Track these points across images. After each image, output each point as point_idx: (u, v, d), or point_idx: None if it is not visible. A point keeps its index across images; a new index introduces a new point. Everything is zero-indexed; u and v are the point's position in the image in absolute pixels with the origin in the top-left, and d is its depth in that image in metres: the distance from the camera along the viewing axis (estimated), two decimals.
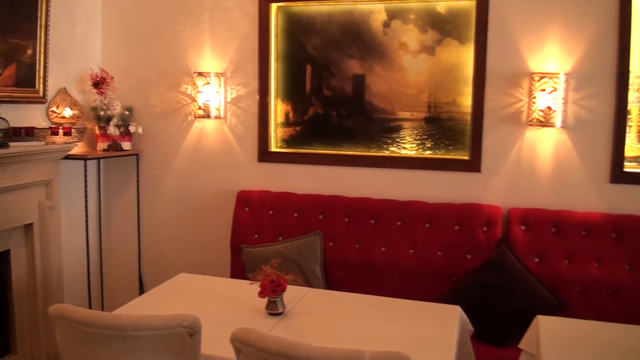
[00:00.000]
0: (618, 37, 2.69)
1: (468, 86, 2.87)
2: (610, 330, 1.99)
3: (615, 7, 2.69)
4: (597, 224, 2.69)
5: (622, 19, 2.69)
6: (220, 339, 1.55)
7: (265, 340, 1.37)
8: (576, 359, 1.73)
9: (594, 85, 2.74)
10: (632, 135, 2.77)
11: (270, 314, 1.99)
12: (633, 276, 2.62)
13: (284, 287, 1.98)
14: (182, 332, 1.48)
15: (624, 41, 2.70)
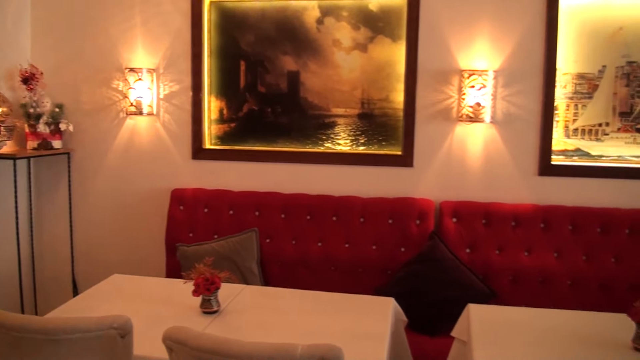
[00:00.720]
0: (545, 35, 2.86)
1: (400, 83, 2.98)
2: (538, 315, 2.12)
3: (542, 7, 2.85)
4: (526, 215, 2.84)
5: (549, 18, 2.85)
6: (153, 340, 1.56)
7: (196, 338, 1.38)
8: (505, 343, 1.85)
9: (522, 82, 2.90)
10: (559, 130, 2.94)
11: (205, 312, 2.01)
12: (561, 263, 2.78)
13: (218, 285, 2.01)
14: (113, 333, 1.49)
15: (551, 40, 2.86)
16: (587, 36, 2.87)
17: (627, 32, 2.85)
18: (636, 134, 2.90)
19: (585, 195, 2.88)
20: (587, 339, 1.90)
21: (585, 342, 1.88)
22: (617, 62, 2.87)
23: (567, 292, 2.78)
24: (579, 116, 2.91)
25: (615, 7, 2.85)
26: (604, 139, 2.91)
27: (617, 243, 2.79)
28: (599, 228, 2.81)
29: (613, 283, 2.75)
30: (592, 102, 2.90)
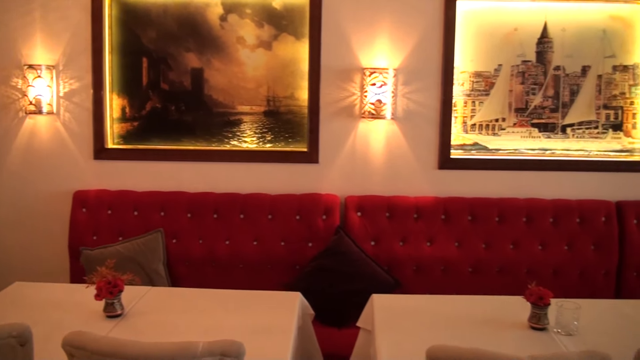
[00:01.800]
0: (443, 35, 3.08)
1: (305, 80, 3.12)
2: (439, 302, 2.31)
3: (440, 8, 3.06)
4: (428, 207, 3.05)
5: (447, 19, 3.07)
6: (55, 346, 1.57)
7: (96, 341, 1.42)
8: (406, 329, 2.00)
9: (422, 80, 3.10)
10: (458, 125, 3.17)
11: (108, 316, 2.04)
12: (461, 252, 3.01)
13: (121, 288, 2.04)
14: (13, 342, 1.49)
15: (448, 39, 3.08)
16: (483, 36, 3.12)
17: (522, 32, 3.12)
18: (531, 128, 3.17)
19: (483, 187, 3.12)
20: (486, 321, 2.08)
21: (484, 323, 2.06)
22: (512, 61, 3.13)
23: (468, 279, 3.01)
24: (476, 112, 3.15)
25: (510, 9, 3.11)
26: (501, 133, 3.16)
27: (515, 231, 3.03)
28: (497, 217, 3.05)
29: (511, 268, 3.00)
30: (489, 98, 3.14)
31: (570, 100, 3.15)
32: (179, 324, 2.04)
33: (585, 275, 3.05)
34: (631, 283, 3.08)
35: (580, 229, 3.06)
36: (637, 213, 3.10)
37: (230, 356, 1.39)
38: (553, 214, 3.06)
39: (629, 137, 3.21)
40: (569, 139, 3.17)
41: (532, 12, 3.10)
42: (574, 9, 3.12)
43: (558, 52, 3.12)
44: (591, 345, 1.80)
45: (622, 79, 3.16)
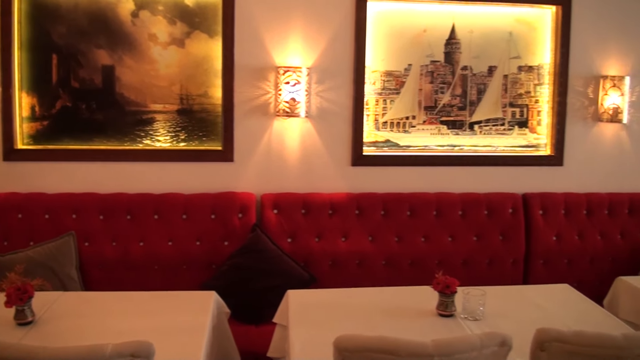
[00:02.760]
0: (355, 35, 3.27)
1: (218, 78, 3.25)
2: (352, 294, 2.48)
3: (352, 9, 3.25)
4: (342, 203, 3.23)
5: (358, 19, 3.26)
6: None
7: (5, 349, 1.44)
8: (319, 322, 2.14)
9: (334, 79, 3.29)
10: (370, 123, 3.38)
11: (19, 323, 2.05)
12: (375, 246, 3.21)
13: (31, 294, 2.05)
14: None
15: (360, 39, 3.28)
16: (393, 37, 3.34)
17: (430, 34, 3.36)
18: (440, 125, 3.42)
19: (395, 182, 3.34)
20: (396, 311, 2.27)
21: (395, 313, 2.24)
22: (421, 61, 3.37)
23: (382, 272, 3.22)
24: (388, 110, 3.37)
25: (420, 11, 3.34)
26: (411, 130, 3.40)
27: (425, 224, 3.26)
28: (409, 212, 3.28)
29: (423, 260, 3.23)
30: (400, 97, 3.37)
31: (478, 98, 3.42)
32: (92, 328, 2.08)
33: (494, 264, 3.32)
34: (538, 270, 3.37)
35: (489, 221, 3.33)
36: (542, 204, 3.40)
37: (139, 357, 1.46)
38: (462, 207, 3.31)
39: (534, 134, 3.52)
40: (476, 136, 3.44)
41: (441, 14, 3.35)
42: (481, 12, 3.39)
43: (466, 53, 3.38)
44: (495, 329, 1.99)
45: (527, 79, 3.47)
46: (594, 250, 3.42)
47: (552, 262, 3.39)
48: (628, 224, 3.50)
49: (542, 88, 3.47)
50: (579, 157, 3.54)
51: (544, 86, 3.47)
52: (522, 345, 1.72)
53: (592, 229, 3.45)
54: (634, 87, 3.55)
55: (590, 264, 3.43)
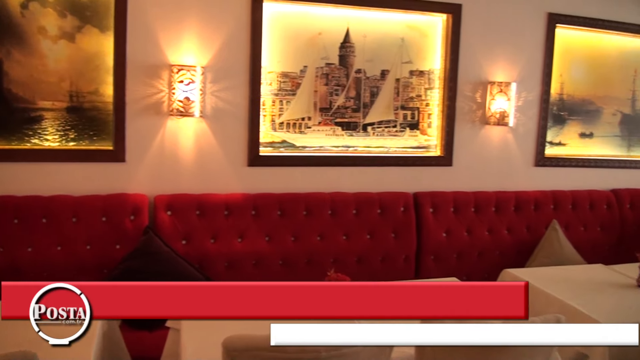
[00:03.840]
0: (251, 35, 3.45)
1: (110, 76, 3.31)
2: None
3: (247, 9, 3.41)
4: (238, 204, 3.40)
5: (254, 20, 3.43)
6: None
7: None
8: (211, 325, 2.07)
9: (230, 79, 3.46)
10: (267, 124, 3.58)
11: None
12: (271, 246, 3.39)
13: None
14: None
15: (256, 40, 3.46)
16: (289, 38, 3.56)
17: (325, 36, 3.61)
18: (335, 127, 3.68)
19: (291, 183, 3.56)
20: None
21: None
22: (317, 63, 3.61)
23: (278, 271, 3.41)
24: (284, 111, 3.59)
25: (315, 14, 3.57)
26: (307, 131, 3.64)
27: (321, 223, 3.50)
28: (305, 211, 3.50)
29: (319, 258, 3.45)
30: (296, 98, 3.60)
31: (371, 101, 3.72)
32: None
33: (387, 260, 3.63)
34: (429, 265, 3.72)
35: (381, 219, 3.63)
36: (432, 203, 3.75)
37: None
38: (356, 206, 3.59)
39: (424, 135, 3.86)
40: (370, 137, 3.74)
41: (336, 18, 3.61)
42: (375, 17, 3.68)
43: (359, 57, 3.66)
44: None
45: (418, 83, 3.80)
46: (482, 245, 3.81)
47: (443, 257, 3.75)
48: (513, 220, 3.93)
49: (432, 92, 3.82)
50: (467, 158, 3.93)
51: (435, 90, 3.82)
52: None
53: (480, 225, 3.84)
54: (520, 93, 3.99)
55: (478, 258, 3.82)
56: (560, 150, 4.27)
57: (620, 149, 4.51)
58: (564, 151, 4.29)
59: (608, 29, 4.24)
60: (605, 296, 2.90)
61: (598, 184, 4.33)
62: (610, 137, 4.46)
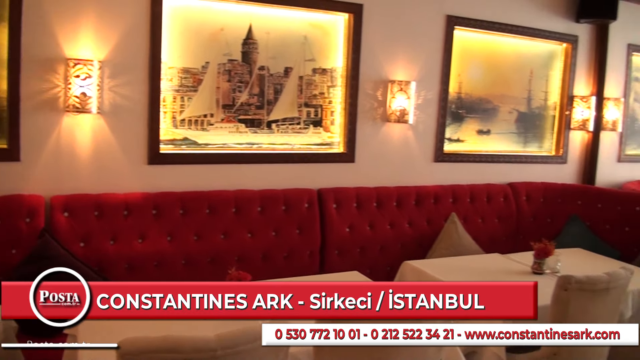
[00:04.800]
0: (150, 30, 3.53)
1: (4, 69, 3.25)
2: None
3: (147, 1, 3.50)
4: (138, 203, 3.49)
5: (154, 14, 3.51)
6: None
7: None
8: (110, 329, 2.14)
9: (129, 74, 3.53)
10: (168, 120, 3.70)
11: None
12: (173, 246, 3.51)
13: None
14: None
15: (155, 34, 3.54)
16: (191, 34, 3.69)
17: (228, 32, 3.78)
18: (238, 124, 3.87)
19: (194, 181, 3.70)
20: None
21: None
22: (219, 59, 3.77)
23: (181, 271, 3.53)
24: (185, 108, 3.74)
25: (217, 10, 3.71)
26: (210, 128, 3.80)
27: (224, 221, 3.67)
28: (208, 210, 3.65)
29: (223, 257, 3.60)
30: (197, 95, 3.75)
31: (275, 98, 3.93)
32: None
33: (292, 256, 3.86)
34: (333, 260, 3.98)
35: (286, 216, 3.85)
36: (336, 198, 4.02)
37: None
38: (260, 203, 3.79)
39: (327, 132, 4.13)
40: (274, 134, 3.96)
41: (238, 14, 3.78)
42: (278, 14, 3.88)
43: (263, 54, 3.87)
44: None
45: (321, 81, 4.06)
46: (384, 239, 4.13)
47: (346, 251, 4.03)
48: (414, 213, 4.28)
49: (335, 90, 4.09)
50: (369, 155, 4.23)
51: (337, 88, 4.09)
52: None
53: (382, 219, 4.16)
54: (419, 92, 4.34)
55: (381, 252, 4.13)
56: (458, 147, 4.67)
57: (517, 145, 4.98)
58: (463, 147, 4.70)
59: (504, 31, 4.68)
60: None
61: (495, 178, 4.78)
62: (507, 133, 4.92)
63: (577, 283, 2.59)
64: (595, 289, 2.62)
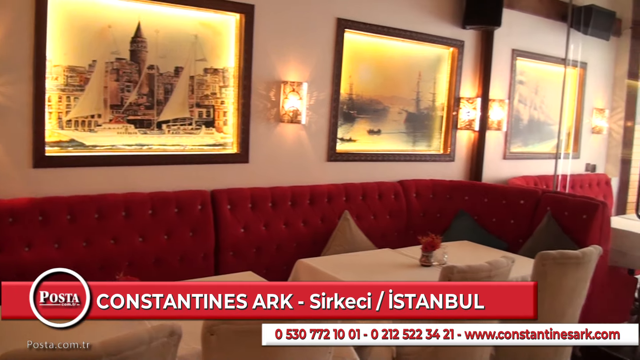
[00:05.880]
0: (34, 26, 3.54)
1: None
2: None
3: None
4: (23, 209, 3.48)
5: (38, 9, 3.52)
6: None
7: None
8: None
9: (11, 72, 3.49)
10: (53, 121, 3.74)
11: None
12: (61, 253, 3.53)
13: None
14: None
15: (40, 30, 3.53)
16: (77, 30, 3.73)
17: (115, 30, 3.87)
18: (127, 124, 3.98)
19: (82, 184, 3.74)
20: None
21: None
22: (106, 57, 3.86)
23: None
24: (72, 108, 3.80)
25: (104, 6, 3.78)
26: (97, 129, 3.88)
27: (114, 226, 3.76)
28: (97, 214, 3.73)
29: (113, 263, 3.66)
30: (84, 94, 3.82)
31: (165, 98, 4.08)
32: None
33: (186, 259, 4.02)
34: (228, 261, 4.17)
35: (179, 218, 4.01)
36: (230, 199, 4.22)
37: None
38: (152, 206, 3.92)
39: (220, 133, 4.33)
40: (165, 135, 4.11)
41: (127, 11, 3.87)
42: (167, 12, 4.01)
43: (152, 52, 4.00)
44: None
45: (213, 81, 4.25)
46: (280, 238, 4.39)
47: (242, 252, 4.24)
48: (309, 212, 4.57)
49: (227, 90, 4.30)
50: (263, 155, 4.48)
51: (230, 88, 4.31)
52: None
53: (277, 219, 4.42)
54: (311, 93, 4.64)
55: (277, 251, 4.39)
56: (351, 146, 5.04)
57: (406, 144, 5.42)
58: (355, 147, 5.07)
59: (394, 35, 5.10)
60: (390, 276, 3.61)
61: (386, 176, 5.19)
62: (397, 133, 5.35)
63: (460, 273, 2.88)
64: (477, 277, 2.92)
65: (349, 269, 3.64)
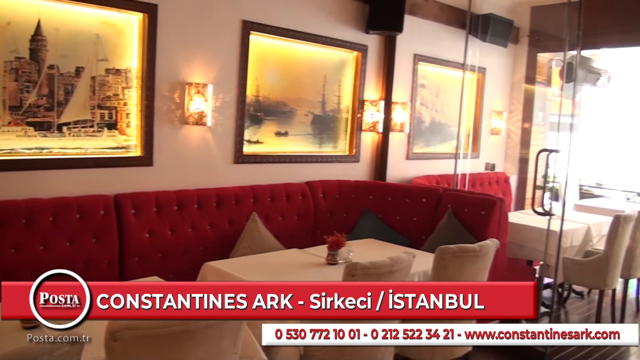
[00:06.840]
0: None
1: None
2: None
3: None
4: None
5: None
6: None
7: None
8: None
9: None
10: None
11: None
12: None
13: None
14: None
15: None
16: None
17: (15, 27, 3.85)
18: (27, 127, 4.01)
19: None
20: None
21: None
22: (5, 56, 3.84)
23: None
24: None
25: (3, 1, 3.81)
26: None
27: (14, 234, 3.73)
28: None
29: (13, 273, 3.67)
30: None
31: (66, 99, 4.13)
32: None
33: (90, 266, 4.08)
34: (133, 266, 4.26)
35: (81, 224, 4.07)
36: (134, 203, 4.33)
37: None
38: (53, 212, 3.95)
39: (123, 135, 4.43)
40: (65, 138, 4.16)
41: (26, 7, 3.84)
42: (68, 10, 4.04)
43: (52, 51, 4.03)
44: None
45: (115, 82, 4.34)
46: (186, 242, 4.54)
47: (147, 257, 4.36)
48: (215, 215, 4.75)
49: (130, 91, 4.41)
50: (168, 158, 4.61)
51: (133, 90, 4.41)
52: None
53: (183, 222, 4.57)
54: (217, 94, 4.82)
55: (183, 255, 4.53)
56: (258, 148, 5.27)
57: (313, 145, 5.72)
58: (262, 149, 5.30)
59: (299, 39, 5.37)
60: (297, 275, 3.86)
61: (294, 178, 5.45)
62: (304, 135, 5.64)
63: (363, 269, 3.13)
64: (379, 272, 3.18)
65: (256, 270, 3.85)
